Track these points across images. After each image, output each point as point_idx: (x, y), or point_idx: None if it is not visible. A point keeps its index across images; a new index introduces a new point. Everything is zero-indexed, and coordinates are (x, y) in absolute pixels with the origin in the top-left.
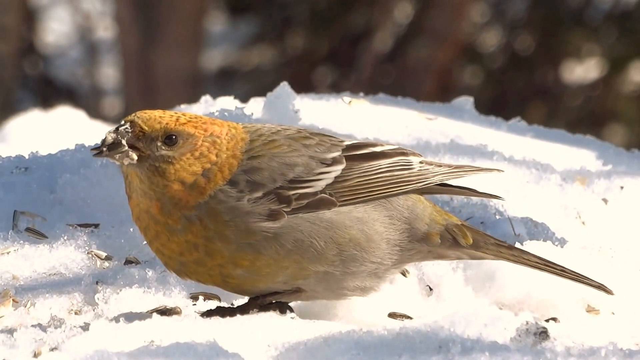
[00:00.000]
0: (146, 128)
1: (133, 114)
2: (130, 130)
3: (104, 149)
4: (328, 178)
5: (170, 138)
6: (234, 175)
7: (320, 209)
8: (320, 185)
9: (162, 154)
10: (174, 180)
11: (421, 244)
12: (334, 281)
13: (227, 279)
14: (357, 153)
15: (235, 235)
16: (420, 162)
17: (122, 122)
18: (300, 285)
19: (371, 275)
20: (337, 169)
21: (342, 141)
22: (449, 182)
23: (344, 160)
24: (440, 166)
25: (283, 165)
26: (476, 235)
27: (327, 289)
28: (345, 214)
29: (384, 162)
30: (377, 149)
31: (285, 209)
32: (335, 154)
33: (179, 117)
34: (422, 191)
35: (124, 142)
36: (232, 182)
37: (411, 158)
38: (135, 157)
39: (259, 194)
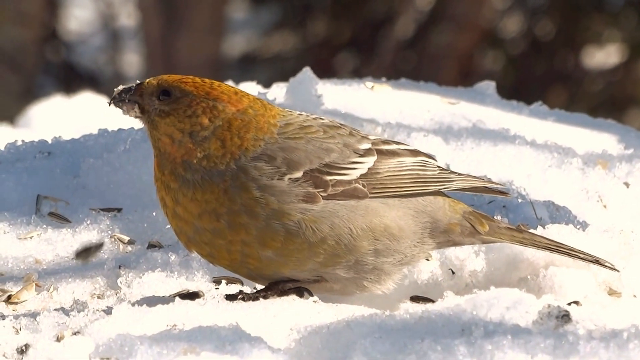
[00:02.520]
0: (145, 84)
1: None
2: (134, 87)
3: (112, 100)
4: (362, 168)
5: (165, 93)
6: (271, 151)
7: (353, 198)
8: (355, 174)
9: (156, 108)
10: (163, 134)
11: (443, 235)
12: (362, 271)
13: (248, 260)
14: (386, 148)
15: (266, 213)
16: (438, 166)
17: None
18: (324, 275)
19: (395, 266)
20: (370, 161)
21: (368, 135)
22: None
23: (375, 153)
24: (453, 173)
25: (319, 149)
26: (489, 221)
27: (351, 279)
28: (379, 204)
29: (410, 160)
30: (402, 147)
31: (322, 193)
32: (367, 146)
33: (187, 77)
34: None
35: (127, 97)
36: (269, 157)
37: (430, 160)
38: (137, 109)
39: (299, 173)
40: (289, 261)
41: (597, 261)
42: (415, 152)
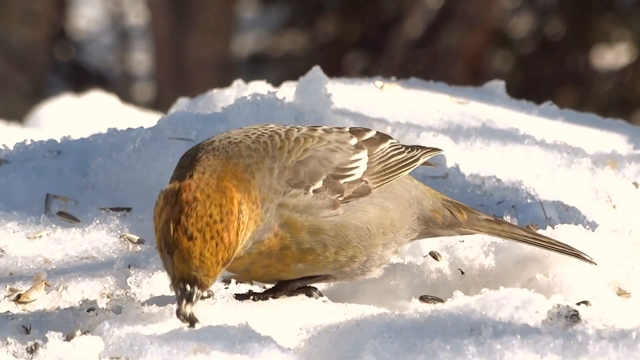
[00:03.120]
0: (212, 278)
1: (180, 258)
2: (200, 292)
3: (188, 322)
4: (362, 164)
5: (229, 261)
6: (294, 172)
7: (362, 195)
8: (359, 172)
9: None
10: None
11: (427, 222)
12: (369, 265)
13: (281, 274)
14: (365, 138)
15: (310, 234)
16: (402, 145)
17: (185, 284)
18: (338, 275)
19: (393, 253)
20: (364, 155)
21: (342, 128)
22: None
23: (364, 146)
24: (413, 149)
25: (324, 158)
26: (467, 211)
27: (358, 272)
28: (382, 198)
29: (386, 146)
30: (372, 133)
31: (339, 198)
32: (354, 140)
33: (219, 234)
34: None
35: (197, 302)
36: (294, 174)
37: (394, 140)
38: (205, 294)
39: (320, 183)
40: (316, 268)
41: (577, 255)
42: (383, 137)
